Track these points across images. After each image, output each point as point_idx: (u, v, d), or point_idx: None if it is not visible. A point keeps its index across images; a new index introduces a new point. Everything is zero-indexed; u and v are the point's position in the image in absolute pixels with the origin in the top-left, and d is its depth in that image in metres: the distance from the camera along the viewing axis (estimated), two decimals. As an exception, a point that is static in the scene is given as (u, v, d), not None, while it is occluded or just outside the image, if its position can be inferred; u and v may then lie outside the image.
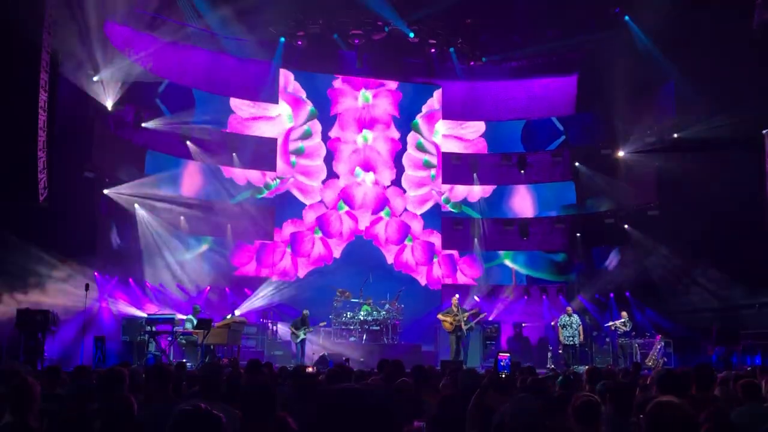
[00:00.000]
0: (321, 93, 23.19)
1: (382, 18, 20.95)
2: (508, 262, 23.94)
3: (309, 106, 23.10)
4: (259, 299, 20.90)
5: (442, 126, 24.01)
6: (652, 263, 19.74)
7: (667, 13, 17.67)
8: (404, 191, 23.52)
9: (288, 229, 22.60)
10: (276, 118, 22.82)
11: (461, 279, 23.66)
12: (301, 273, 22.55)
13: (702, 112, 17.72)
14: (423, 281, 23.33)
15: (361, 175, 23.24)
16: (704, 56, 16.96)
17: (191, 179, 21.36)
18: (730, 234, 16.77)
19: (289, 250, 22.56)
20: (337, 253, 22.94)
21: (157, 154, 20.24)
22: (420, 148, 23.85)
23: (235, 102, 22.27)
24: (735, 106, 16.50)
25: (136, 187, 18.96)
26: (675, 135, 19.61)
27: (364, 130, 23.33)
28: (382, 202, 23.35)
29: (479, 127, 24.20)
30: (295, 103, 23.01)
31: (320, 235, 22.87)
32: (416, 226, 23.57)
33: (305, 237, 22.79)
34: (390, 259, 23.23)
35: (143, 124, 19.36)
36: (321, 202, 22.89)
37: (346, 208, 23.09)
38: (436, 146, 23.89)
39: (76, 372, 8.09)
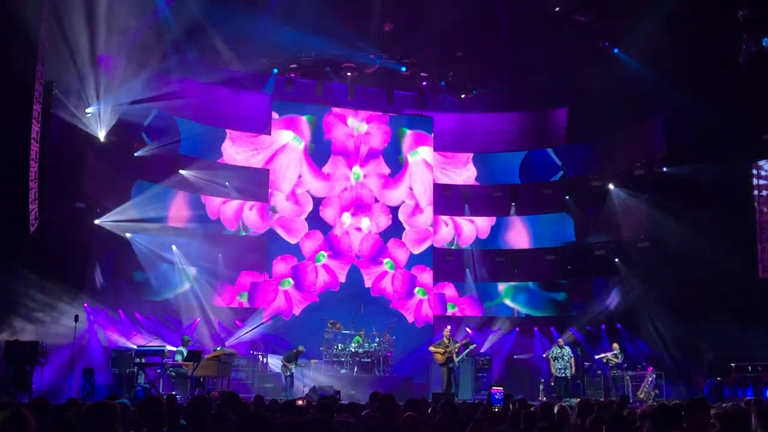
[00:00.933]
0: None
1: (375, 52, 21.13)
2: (508, 302, 23.78)
3: (304, 117, 23.18)
4: (250, 332, 20.75)
5: (426, 152, 24.11)
6: (643, 295, 19.75)
7: (656, 47, 17.91)
8: (391, 211, 23.55)
9: (279, 266, 22.41)
10: (286, 146, 22.92)
11: (454, 311, 23.59)
12: (297, 311, 22.33)
13: (691, 144, 17.88)
14: (410, 318, 23.11)
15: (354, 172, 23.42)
16: (693, 89, 17.17)
17: (179, 210, 21.24)
18: (720, 265, 16.84)
19: (283, 287, 22.30)
20: (342, 278, 22.85)
21: (147, 184, 20.16)
22: (401, 159, 23.96)
23: (239, 157, 22.35)
24: (724, 139, 16.66)
25: (126, 217, 18.99)
26: (665, 168, 19.78)
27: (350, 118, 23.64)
28: (366, 207, 23.41)
29: (466, 176, 24.36)
30: (291, 123, 23.04)
31: (322, 262, 22.77)
32: (401, 255, 23.50)
33: (307, 268, 22.68)
34: (368, 283, 23.07)
35: (136, 154, 19.41)
36: (314, 230, 22.79)
37: (350, 221, 23.05)
38: (407, 162, 23.91)
39: (67, 405, 8.02)
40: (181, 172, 20.70)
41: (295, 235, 22.74)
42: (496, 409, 6.27)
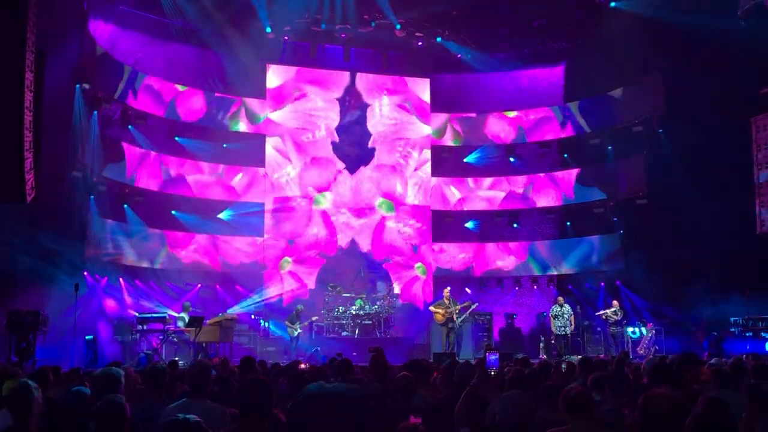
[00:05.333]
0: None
1: (369, 12, 20.87)
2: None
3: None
4: (254, 302, 20.72)
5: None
6: (642, 252, 19.79)
7: (654, 2, 17.71)
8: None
9: (270, 250, 22.10)
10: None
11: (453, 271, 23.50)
12: (311, 284, 21.88)
13: (690, 100, 17.76)
14: (397, 288, 22.38)
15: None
16: (691, 45, 17.01)
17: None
18: (718, 220, 16.85)
19: (285, 269, 21.79)
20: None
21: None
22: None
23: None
24: (723, 95, 16.55)
25: (122, 184, 19.01)
26: (661, 130, 19.71)
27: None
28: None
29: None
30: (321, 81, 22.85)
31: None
32: (400, 188, 23.12)
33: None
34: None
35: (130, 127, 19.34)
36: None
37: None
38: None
39: (70, 374, 8.08)
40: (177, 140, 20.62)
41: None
42: (492, 373, 6.32)
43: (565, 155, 22.72)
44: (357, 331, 19.51)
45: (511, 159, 23.29)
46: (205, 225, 20.95)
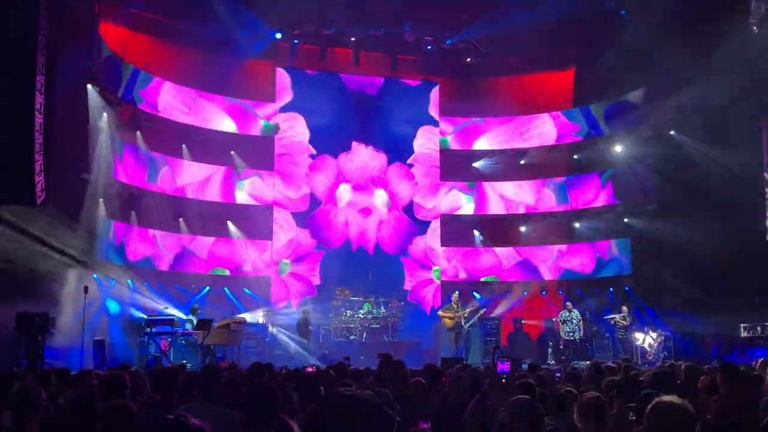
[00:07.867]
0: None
1: (378, 15, 20.87)
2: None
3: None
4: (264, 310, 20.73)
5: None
6: (651, 258, 19.72)
7: (664, 7, 17.66)
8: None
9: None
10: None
11: (462, 276, 23.47)
12: (316, 281, 22.08)
13: (700, 105, 17.69)
14: (408, 285, 22.61)
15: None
16: (702, 50, 16.94)
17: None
18: (728, 227, 16.79)
19: (285, 274, 22.04)
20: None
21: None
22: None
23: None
24: (733, 99, 16.49)
25: (132, 187, 19.07)
26: (671, 132, 19.63)
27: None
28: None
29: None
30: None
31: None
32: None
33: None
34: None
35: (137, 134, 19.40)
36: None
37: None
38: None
39: (78, 376, 8.09)
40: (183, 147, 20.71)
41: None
42: (504, 380, 6.31)
43: (575, 157, 22.67)
44: (365, 335, 19.49)
45: (521, 162, 23.27)
46: (214, 229, 21.00)
